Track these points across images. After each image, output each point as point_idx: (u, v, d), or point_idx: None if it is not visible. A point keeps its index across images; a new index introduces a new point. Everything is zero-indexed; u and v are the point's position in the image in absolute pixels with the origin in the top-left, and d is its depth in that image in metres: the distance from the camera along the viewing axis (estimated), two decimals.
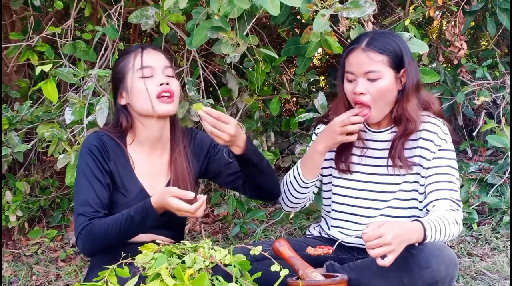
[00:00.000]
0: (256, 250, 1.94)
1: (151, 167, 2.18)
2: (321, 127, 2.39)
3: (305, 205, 2.42)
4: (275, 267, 1.89)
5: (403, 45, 2.20)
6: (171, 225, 2.19)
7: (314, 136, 2.40)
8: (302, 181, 2.26)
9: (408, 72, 2.16)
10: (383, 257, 1.85)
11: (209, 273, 1.79)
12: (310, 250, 2.08)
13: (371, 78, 2.14)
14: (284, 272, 1.89)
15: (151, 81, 2.09)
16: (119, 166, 2.12)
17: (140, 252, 1.86)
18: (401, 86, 2.19)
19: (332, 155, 2.34)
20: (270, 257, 1.95)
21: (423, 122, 2.20)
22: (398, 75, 2.17)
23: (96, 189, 2.05)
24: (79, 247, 2.07)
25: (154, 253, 1.85)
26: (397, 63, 2.16)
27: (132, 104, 2.14)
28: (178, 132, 2.25)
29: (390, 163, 2.22)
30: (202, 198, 1.92)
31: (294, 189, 2.30)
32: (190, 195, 1.90)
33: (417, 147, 2.20)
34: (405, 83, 2.17)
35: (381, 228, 1.85)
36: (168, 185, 2.17)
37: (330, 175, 2.35)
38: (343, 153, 2.29)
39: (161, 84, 2.10)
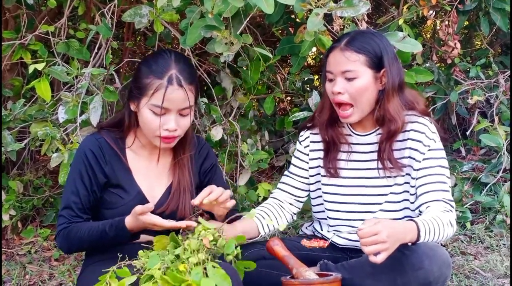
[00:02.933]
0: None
1: (150, 170, 2.17)
2: (304, 134, 2.37)
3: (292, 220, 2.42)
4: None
5: (384, 45, 2.18)
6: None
7: (298, 145, 2.39)
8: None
9: (388, 72, 2.15)
10: (376, 254, 1.85)
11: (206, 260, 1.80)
12: (305, 242, 2.09)
13: (348, 77, 2.14)
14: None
15: (162, 118, 2.03)
16: (116, 169, 2.11)
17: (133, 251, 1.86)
18: (381, 86, 2.17)
19: (320, 162, 2.33)
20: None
21: (410, 122, 2.19)
22: (377, 75, 2.16)
23: (81, 194, 2.07)
24: (57, 245, 2.13)
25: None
26: (376, 63, 2.15)
27: (138, 118, 2.09)
28: (187, 140, 2.18)
29: (380, 165, 2.21)
30: (186, 222, 1.92)
31: None
32: (150, 206, 1.92)
33: (406, 148, 2.19)
34: (386, 83, 2.16)
35: (377, 225, 1.85)
36: (169, 188, 2.16)
37: (318, 182, 2.34)
38: (328, 156, 2.28)
39: (167, 129, 2.04)
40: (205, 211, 2.10)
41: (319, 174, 2.33)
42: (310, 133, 2.36)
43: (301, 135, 2.39)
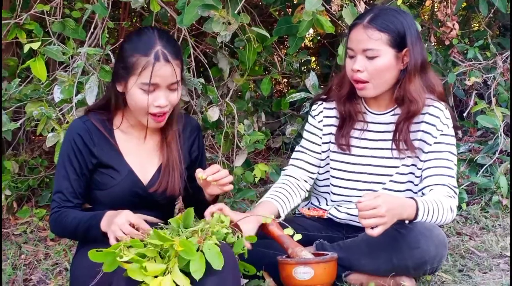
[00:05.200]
0: (268, 218, 2.04)
1: (140, 149, 2.16)
2: (317, 109, 2.35)
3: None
4: (288, 231, 1.98)
5: (408, 24, 2.14)
6: (160, 206, 2.18)
7: (310, 119, 2.37)
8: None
9: (411, 52, 2.12)
10: (373, 227, 1.86)
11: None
12: (304, 211, 2.09)
13: (369, 56, 2.11)
14: (297, 237, 1.97)
15: (151, 95, 2.02)
16: (105, 150, 2.10)
17: None
18: (403, 66, 2.14)
19: (331, 138, 2.32)
20: (284, 222, 2.03)
21: (426, 106, 2.17)
22: (399, 55, 2.13)
23: (71, 178, 2.08)
24: (50, 228, 2.17)
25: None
26: (399, 42, 2.12)
27: (127, 99, 2.07)
28: (174, 116, 2.17)
29: (393, 145, 2.20)
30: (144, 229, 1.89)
31: None
32: (146, 227, 1.88)
33: (419, 131, 2.18)
34: (408, 63, 2.14)
35: (377, 199, 1.85)
36: (159, 169, 2.15)
37: (328, 157, 2.33)
38: (342, 131, 2.27)
39: (158, 106, 2.03)
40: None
41: (329, 149, 2.32)
42: (324, 108, 2.33)
43: (313, 110, 2.36)
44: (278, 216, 2.23)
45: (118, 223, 1.87)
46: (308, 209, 2.09)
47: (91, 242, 2.00)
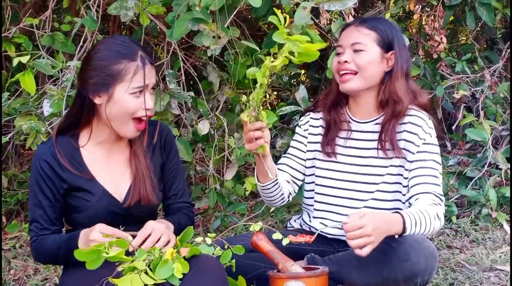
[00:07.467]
0: (257, 226, 2.02)
1: (110, 166, 2.11)
2: (304, 119, 2.39)
3: (287, 200, 2.41)
4: (276, 235, 1.99)
5: (396, 32, 2.23)
6: (140, 221, 2.15)
7: (297, 129, 2.41)
8: (259, 182, 2.26)
9: (397, 54, 2.19)
10: (361, 247, 1.86)
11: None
12: (291, 238, 2.08)
13: (357, 49, 2.18)
14: (286, 241, 1.96)
15: (139, 99, 2.00)
16: (75, 173, 2.05)
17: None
18: (387, 67, 2.20)
19: (317, 147, 2.34)
20: (272, 228, 1.99)
21: (408, 115, 2.20)
22: (385, 56, 2.20)
23: (44, 205, 2.04)
24: (33, 256, 2.14)
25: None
26: (386, 43, 2.20)
27: (108, 110, 2.00)
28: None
29: (378, 153, 2.22)
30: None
31: (261, 190, 2.29)
32: (122, 234, 1.87)
33: (401, 139, 2.20)
34: (393, 66, 2.19)
35: (362, 219, 1.85)
36: (131, 185, 2.10)
37: (313, 166, 2.35)
38: (327, 137, 2.30)
39: (147, 109, 2.01)
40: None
41: (315, 158, 2.35)
42: (310, 117, 2.39)
43: (301, 120, 2.42)
44: (276, 177, 2.22)
45: (95, 237, 1.86)
46: (295, 235, 2.08)
47: (74, 264, 1.98)
